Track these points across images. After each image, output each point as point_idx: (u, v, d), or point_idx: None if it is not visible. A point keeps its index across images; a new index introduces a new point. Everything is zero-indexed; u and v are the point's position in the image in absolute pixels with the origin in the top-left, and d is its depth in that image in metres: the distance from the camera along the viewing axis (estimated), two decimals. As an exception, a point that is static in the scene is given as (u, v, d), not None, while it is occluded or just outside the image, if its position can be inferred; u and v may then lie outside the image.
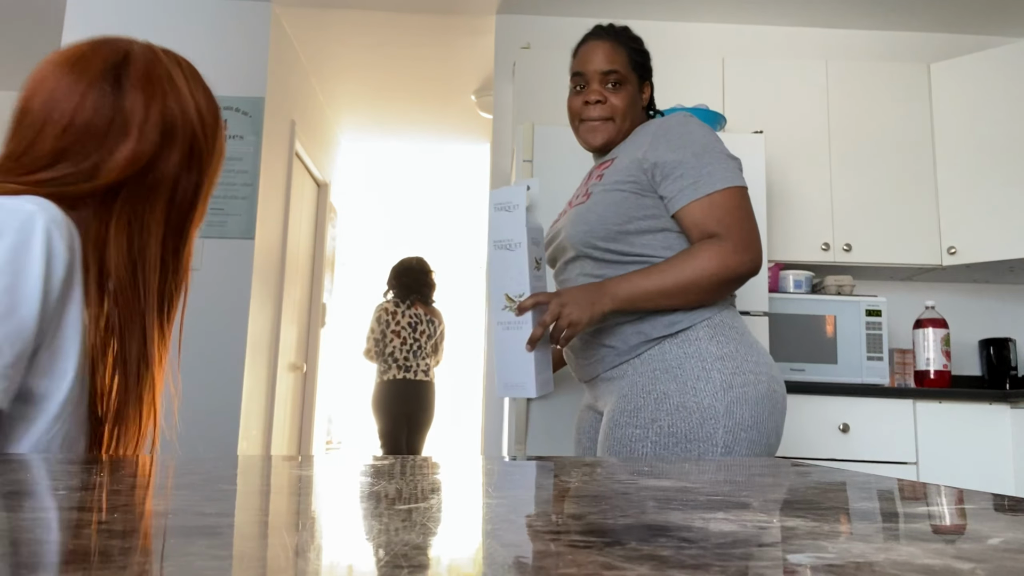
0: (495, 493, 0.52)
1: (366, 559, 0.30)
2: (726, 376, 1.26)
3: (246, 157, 3.21)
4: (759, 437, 1.26)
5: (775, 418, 1.29)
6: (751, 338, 1.33)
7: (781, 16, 3.38)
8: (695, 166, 1.32)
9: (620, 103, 1.49)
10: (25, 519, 0.37)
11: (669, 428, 1.26)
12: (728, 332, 1.31)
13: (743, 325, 1.35)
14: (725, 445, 1.24)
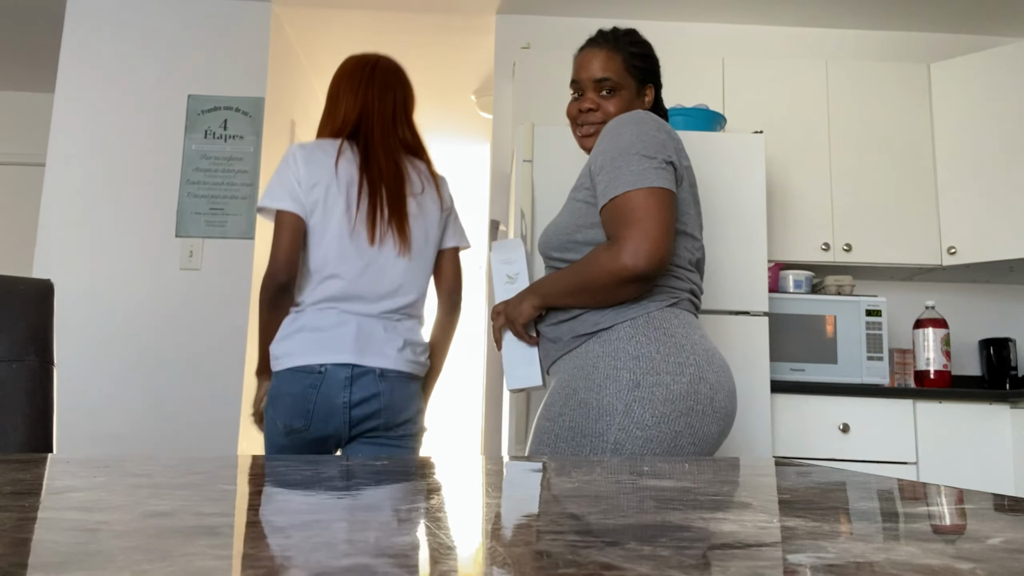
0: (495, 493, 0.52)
1: (366, 559, 0.30)
2: (636, 375, 1.26)
3: (246, 157, 3.21)
4: (662, 436, 1.24)
5: (692, 418, 1.26)
6: (683, 338, 1.31)
7: (781, 16, 3.38)
8: (610, 170, 1.32)
9: (613, 110, 1.50)
10: (25, 519, 0.37)
11: (569, 423, 1.29)
12: (652, 332, 1.30)
13: (678, 324, 1.33)
14: (616, 443, 1.25)
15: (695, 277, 1.42)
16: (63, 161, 3.19)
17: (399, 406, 1.63)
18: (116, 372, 3.06)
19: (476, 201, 6.47)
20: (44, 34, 3.75)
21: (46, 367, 1.06)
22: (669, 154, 1.33)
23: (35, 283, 1.09)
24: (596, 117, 1.50)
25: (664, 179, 1.30)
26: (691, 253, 1.40)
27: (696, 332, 1.34)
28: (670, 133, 1.38)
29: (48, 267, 3.12)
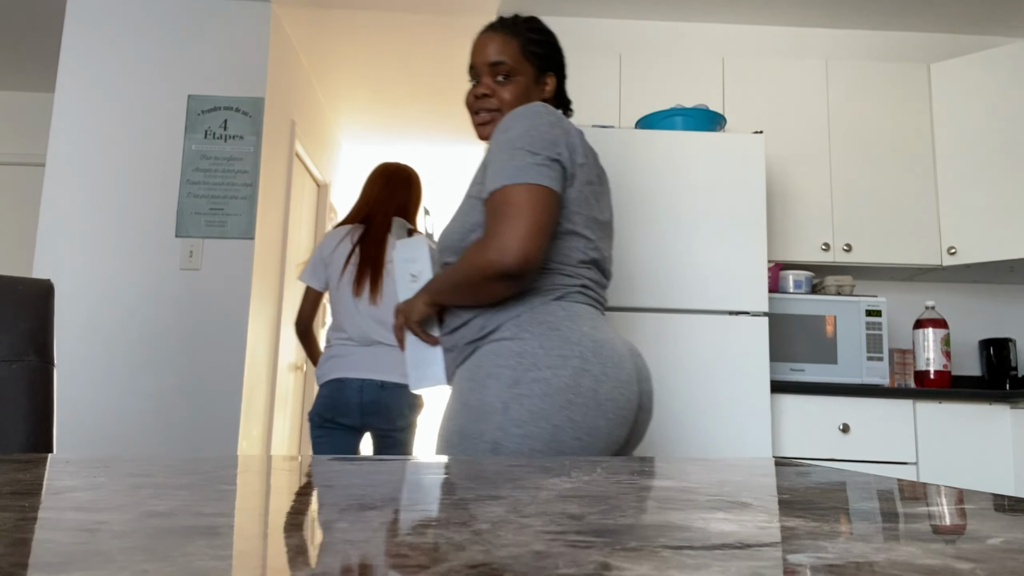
0: (495, 493, 0.52)
1: (366, 559, 0.30)
2: (517, 372, 1.22)
3: (246, 157, 3.21)
4: (541, 432, 1.19)
5: (572, 411, 1.20)
6: (568, 330, 1.26)
7: (781, 16, 3.38)
8: (494, 163, 1.28)
9: (508, 96, 1.44)
10: (25, 519, 0.37)
11: (454, 425, 1.26)
12: (535, 327, 1.26)
13: (564, 316, 1.28)
14: (493, 442, 1.21)
15: (590, 273, 1.36)
16: (63, 161, 3.19)
17: (394, 407, 2.28)
18: (116, 372, 3.06)
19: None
20: (44, 34, 3.75)
21: (46, 367, 1.06)
22: (559, 151, 1.28)
23: (35, 283, 1.09)
24: (491, 103, 1.44)
25: (545, 176, 1.24)
26: (582, 253, 1.34)
27: (586, 323, 1.28)
28: (567, 129, 1.32)
29: (48, 267, 3.12)
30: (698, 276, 2.44)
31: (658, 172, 2.48)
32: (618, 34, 3.46)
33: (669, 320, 2.41)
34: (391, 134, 5.11)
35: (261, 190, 3.24)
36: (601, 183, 1.40)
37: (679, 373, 2.39)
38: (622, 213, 2.45)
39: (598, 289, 1.38)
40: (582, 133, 1.39)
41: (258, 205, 3.20)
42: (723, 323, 2.42)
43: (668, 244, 2.45)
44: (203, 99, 3.26)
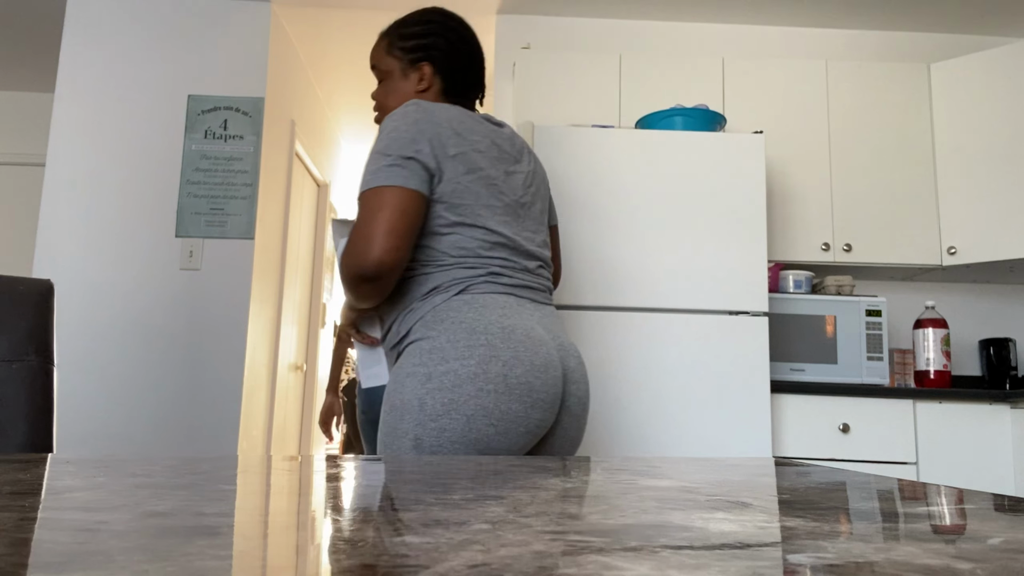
0: (495, 493, 0.52)
1: (365, 559, 0.30)
2: (429, 368, 1.24)
3: (246, 157, 3.21)
4: (455, 424, 1.21)
5: (483, 399, 1.21)
6: (474, 321, 1.27)
7: (781, 16, 3.38)
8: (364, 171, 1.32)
9: (380, 98, 1.49)
10: (25, 519, 0.37)
11: (384, 425, 1.28)
12: (441, 323, 1.27)
13: (468, 309, 1.28)
14: (415, 438, 1.23)
15: (497, 259, 1.34)
16: (63, 161, 3.19)
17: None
18: (116, 372, 3.06)
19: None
20: (44, 34, 3.75)
21: (46, 367, 1.06)
22: (417, 147, 1.28)
23: (35, 283, 1.09)
24: (376, 108, 1.50)
25: (397, 176, 1.26)
26: (480, 241, 1.33)
27: (493, 312, 1.28)
28: (433, 123, 1.31)
29: (48, 267, 3.12)
30: (698, 276, 2.44)
31: (658, 172, 2.48)
32: (618, 34, 3.46)
33: (669, 320, 2.41)
34: (391, 134, 5.10)
35: (261, 190, 3.24)
36: (504, 165, 1.39)
37: (679, 373, 2.39)
38: (622, 213, 2.45)
39: (515, 272, 1.36)
40: (472, 120, 1.37)
41: (258, 205, 3.20)
42: (723, 323, 2.42)
43: (668, 244, 2.45)
44: (203, 99, 3.26)
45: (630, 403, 2.37)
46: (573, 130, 2.49)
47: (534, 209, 1.43)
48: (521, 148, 1.47)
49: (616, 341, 2.39)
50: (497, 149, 1.39)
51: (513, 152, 1.43)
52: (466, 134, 1.35)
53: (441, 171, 1.30)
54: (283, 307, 3.71)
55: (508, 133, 1.46)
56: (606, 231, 2.44)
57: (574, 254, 2.43)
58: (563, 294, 2.40)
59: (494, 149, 1.39)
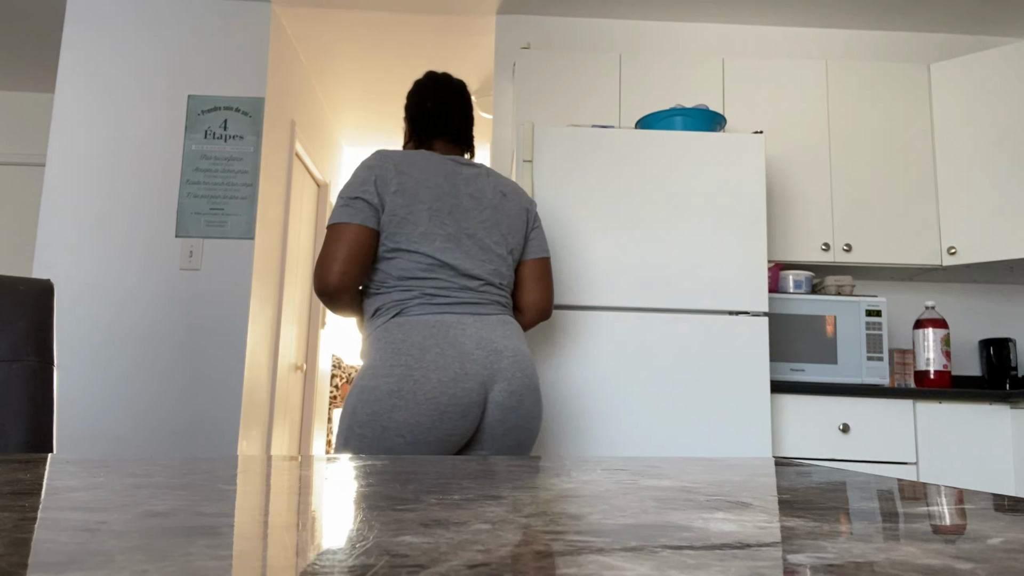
0: (495, 493, 0.52)
1: (365, 559, 0.30)
2: (365, 381, 1.50)
3: (246, 157, 3.21)
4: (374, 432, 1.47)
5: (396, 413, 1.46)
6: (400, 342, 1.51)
7: (781, 16, 3.39)
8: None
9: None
10: (25, 519, 0.37)
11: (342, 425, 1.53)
12: (377, 343, 1.54)
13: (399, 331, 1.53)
14: (346, 439, 1.50)
15: (435, 281, 1.56)
16: (63, 161, 3.19)
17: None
18: (116, 372, 3.06)
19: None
20: (44, 34, 3.75)
21: (46, 367, 1.06)
22: (365, 188, 1.55)
23: (35, 283, 1.09)
24: None
25: (344, 214, 1.55)
26: (417, 265, 1.55)
27: (419, 333, 1.51)
28: (379, 167, 1.58)
29: (48, 267, 3.12)
30: (698, 276, 2.44)
31: (658, 172, 2.48)
32: (618, 34, 3.46)
33: (669, 320, 2.41)
34: (391, 134, 5.11)
35: (261, 190, 3.24)
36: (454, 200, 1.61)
37: (679, 373, 2.39)
38: (622, 214, 2.45)
39: (453, 291, 1.57)
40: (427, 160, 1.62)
41: (258, 205, 3.20)
42: (723, 323, 2.42)
43: (668, 244, 2.45)
44: (203, 99, 3.26)
45: (630, 403, 2.37)
46: (573, 130, 2.49)
47: (485, 241, 1.62)
48: (485, 189, 1.66)
49: (616, 341, 2.39)
50: (450, 186, 1.60)
51: (471, 191, 1.63)
52: (413, 172, 1.57)
53: (383, 204, 1.55)
54: (283, 307, 3.70)
55: (472, 174, 1.67)
56: (606, 231, 2.44)
57: (574, 254, 2.43)
58: (563, 294, 2.40)
59: (445, 186, 1.60)
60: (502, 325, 1.59)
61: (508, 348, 1.56)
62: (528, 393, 1.57)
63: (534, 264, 1.75)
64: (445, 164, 1.63)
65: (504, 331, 1.58)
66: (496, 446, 1.55)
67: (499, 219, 1.65)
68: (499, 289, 1.64)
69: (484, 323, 1.56)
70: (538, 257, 1.76)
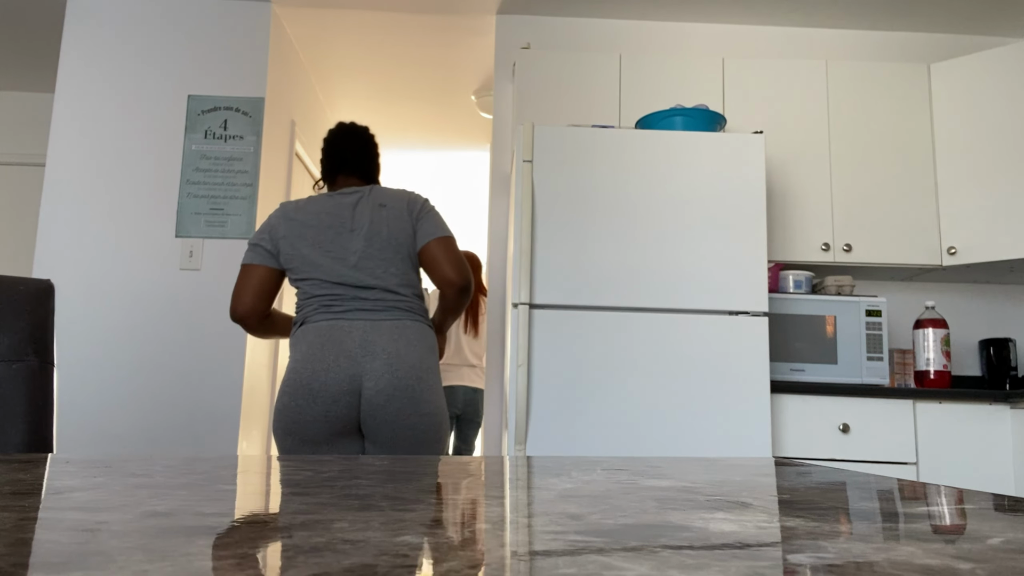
0: (495, 493, 0.52)
1: (365, 559, 0.30)
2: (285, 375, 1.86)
3: (246, 157, 3.21)
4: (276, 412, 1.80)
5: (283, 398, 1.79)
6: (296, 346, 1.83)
7: (781, 16, 3.38)
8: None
9: None
10: (25, 519, 0.37)
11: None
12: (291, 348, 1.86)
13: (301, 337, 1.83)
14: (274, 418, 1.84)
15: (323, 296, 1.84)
16: (63, 161, 3.19)
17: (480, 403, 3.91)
18: (116, 372, 3.06)
19: (476, 202, 6.47)
20: (44, 34, 3.75)
21: (46, 367, 1.06)
22: (262, 236, 1.90)
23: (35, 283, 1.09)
24: None
25: (246, 257, 1.90)
26: (310, 287, 1.86)
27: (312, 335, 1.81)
28: (271, 220, 1.92)
29: (48, 267, 3.12)
30: (698, 276, 2.44)
31: (658, 172, 2.48)
32: (618, 34, 3.46)
33: (669, 320, 2.41)
34: (391, 134, 5.11)
35: (261, 190, 3.24)
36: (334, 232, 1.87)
37: (679, 373, 2.39)
38: (623, 213, 2.45)
39: (345, 301, 1.84)
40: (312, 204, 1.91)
41: (258, 205, 3.20)
42: (723, 323, 2.42)
43: (668, 244, 2.45)
44: (203, 99, 3.26)
45: (630, 403, 2.37)
46: (573, 130, 2.49)
47: (370, 252, 1.86)
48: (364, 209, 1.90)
49: (616, 341, 2.39)
50: (332, 218, 1.88)
51: (348, 220, 1.89)
52: (299, 217, 1.89)
53: (278, 249, 1.89)
54: (283, 307, 3.70)
55: (352, 201, 1.91)
56: (606, 231, 2.44)
57: (574, 254, 2.43)
58: (563, 294, 2.40)
59: (327, 220, 1.88)
60: (394, 330, 1.81)
61: (386, 351, 1.77)
62: (397, 393, 1.75)
63: (426, 248, 1.90)
64: (327, 201, 1.92)
65: (392, 336, 1.80)
66: (377, 437, 1.78)
67: (379, 229, 1.87)
68: (397, 294, 1.86)
69: (375, 328, 1.80)
70: (428, 241, 1.90)
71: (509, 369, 2.51)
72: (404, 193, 1.94)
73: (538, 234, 2.44)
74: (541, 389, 2.37)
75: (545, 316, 2.40)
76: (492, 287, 3.29)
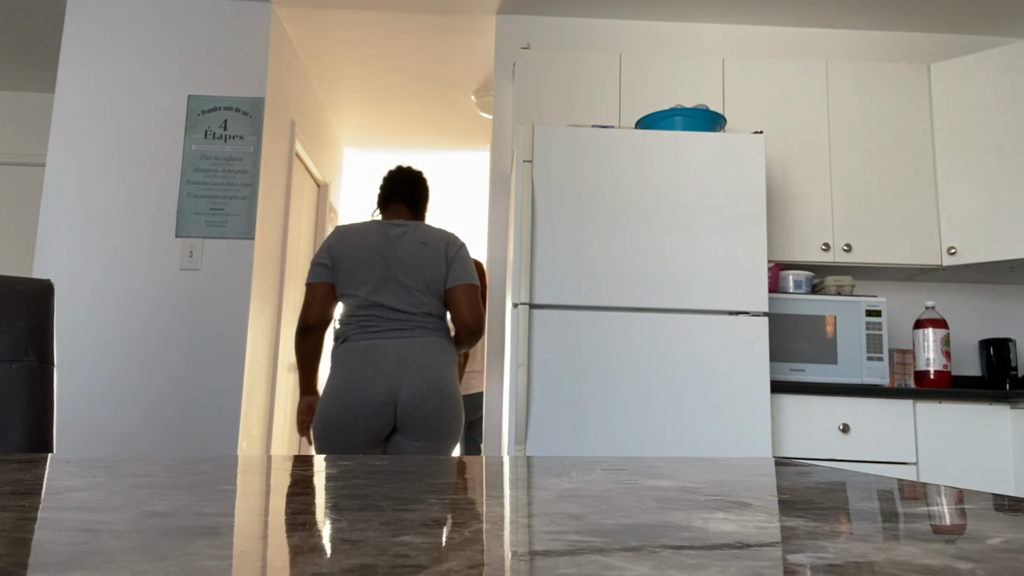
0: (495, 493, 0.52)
1: (365, 559, 0.30)
2: (325, 387, 2.14)
3: (246, 157, 3.21)
4: (318, 418, 2.10)
5: (326, 408, 2.09)
6: (338, 363, 2.13)
7: (781, 16, 3.38)
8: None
9: None
10: (25, 519, 0.37)
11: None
12: (331, 362, 2.16)
13: (342, 354, 2.14)
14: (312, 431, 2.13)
15: (366, 314, 2.14)
16: (63, 161, 3.19)
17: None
18: (116, 372, 3.06)
19: (476, 202, 6.46)
20: (44, 34, 3.75)
21: (46, 367, 1.06)
22: (322, 255, 2.21)
23: (35, 283, 1.09)
24: None
25: (309, 276, 2.22)
26: (353, 306, 2.16)
27: (352, 354, 2.12)
28: (333, 240, 2.21)
29: (48, 267, 3.12)
30: (698, 276, 2.44)
31: (658, 172, 2.48)
32: (618, 34, 3.46)
33: (669, 320, 2.41)
34: (391, 134, 5.11)
35: (261, 190, 3.24)
36: (380, 256, 2.17)
37: (679, 373, 2.39)
38: (622, 213, 2.45)
39: (382, 321, 2.14)
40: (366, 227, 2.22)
41: (258, 205, 3.20)
42: (723, 323, 2.42)
43: (668, 244, 2.45)
44: (203, 99, 3.26)
45: (630, 403, 2.37)
46: (573, 130, 2.49)
47: (405, 282, 2.16)
48: (408, 243, 2.19)
49: (615, 341, 2.39)
50: (380, 245, 2.18)
51: (397, 246, 2.18)
52: (352, 238, 2.20)
53: (335, 265, 2.20)
54: (283, 307, 3.70)
55: (399, 233, 2.21)
56: (606, 231, 2.44)
57: (574, 254, 2.43)
58: (563, 295, 2.40)
59: (377, 246, 2.18)
60: (423, 345, 2.14)
61: (417, 363, 2.10)
62: (430, 394, 2.08)
63: (452, 291, 2.20)
64: (377, 229, 2.21)
65: (422, 350, 2.13)
66: (413, 432, 2.10)
67: (417, 264, 2.17)
68: (422, 316, 2.17)
69: (408, 344, 2.12)
70: (455, 284, 2.20)
71: (509, 369, 2.51)
72: (444, 234, 2.24)
73: (538, 234, 2.44)
74: (541, 389, 2.37)
75: (545, 316, 2.40)
76: (492, 287, 3.29)
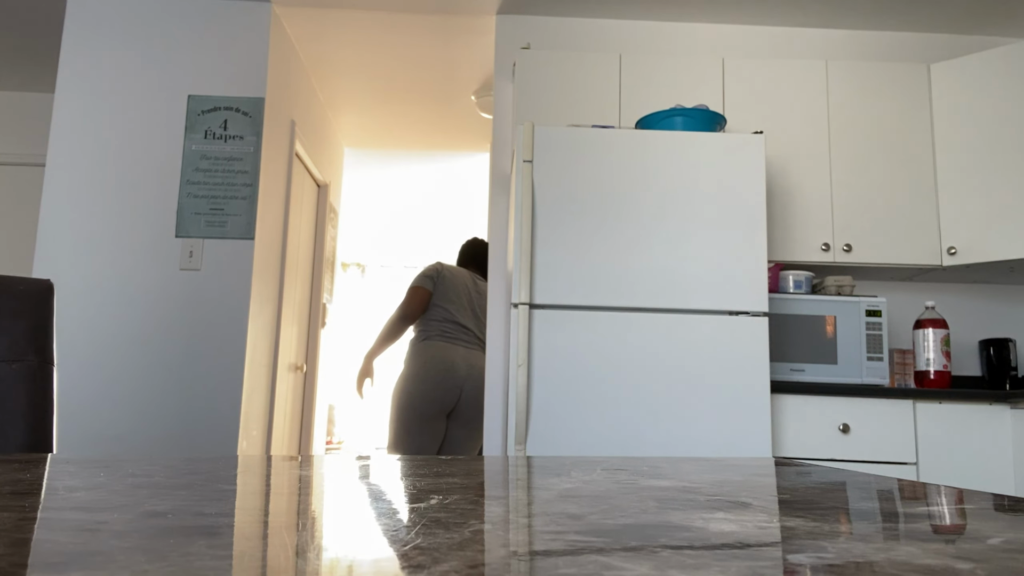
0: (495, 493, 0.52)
1: (366, 559, 0.30)
2: (407, 369, 3.09)
3: (246, 157, 3.21)
4: (404, 392, 3.02)
5: (412, 384, 3.02)
6: (421, 354, 3.09)
7: (781, 16, 3.38)
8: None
9: None
10: (25, 519, 0.37)
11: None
12: (412, 356, 3.09)
13: (423, 348, 3.10)
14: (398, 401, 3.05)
15: (447, 324, 3.13)
16: (63, 161, 3.19)
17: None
18: (116, 372, 3.06)
19: (476, 202, 6.46)
20: (44, 34, 3.75)
21: (46, 367, 1.06)
22: (429, 275, 3.20)
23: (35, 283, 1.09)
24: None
25: (419, 282, 3.20)
26: (439, 314, 3.15)
27: (432, 350, 3.07)
28: (435, 266, 3.24)
29: (48, 267, 3.12)
30: (698, 276, 2.44)
31: (658, 172, 2.48)
32: (618, 34, 3.46)
33: (669, 320, 2.42)
34: (391, 134, 5.11)
35: (261, 190, 3.24)
36: (465, 292, 3.24)
37: (679, 373, 2.39)
38: (622, 213, 2.45)
39: (456, 332, 3.13)
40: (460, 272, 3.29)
41: (258, 205, 3.20)
42: (723, 323, 2.42)
43: (668, 244, 2.45)
44: (203, 99, 3.26)
45: (630, 403, 2.37)
46: (573, 130, 2.49)
47: (475, 311, 3.21)
48: (478, 289, 3.30)
49: (616, 341, 2.39)
50: (466, 284, 3.24)
51: (473, 290, 3.26)
52: (452, 272, 3.23)
53: (436, 285, 3.18)
54: (283, 307, 3.70)
55: (471, 280, 3.29)
56: (606, 231, 2.44)
57: (574, 254, 2.43)
58: (563, 295, 2.40)
59: (463, 284, 3.23)
60: (478, 355, 3.14)
61: (476, 366, 3.09)
62: (478, 389, 3.06)
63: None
64: (468, 275, 3.30)
65: (478, 357, 3.14)
66: (465, 415, 3.07)
67: (477, 301, 3.26)
68: (479, 337, 3.19)
69: (469, 353, 3.12)
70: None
71: (510, 369, 2.51)
72: (485, 285, 3.33)
73: (538, 234, 2.44)
74: (541, 389, 2.37)
75: (545, 316, 2.40)
76: (492, 287, 3.29)
